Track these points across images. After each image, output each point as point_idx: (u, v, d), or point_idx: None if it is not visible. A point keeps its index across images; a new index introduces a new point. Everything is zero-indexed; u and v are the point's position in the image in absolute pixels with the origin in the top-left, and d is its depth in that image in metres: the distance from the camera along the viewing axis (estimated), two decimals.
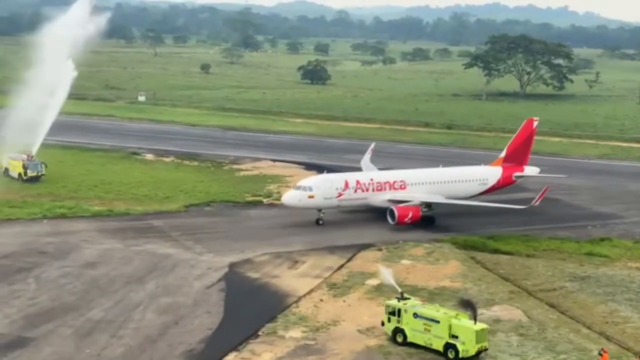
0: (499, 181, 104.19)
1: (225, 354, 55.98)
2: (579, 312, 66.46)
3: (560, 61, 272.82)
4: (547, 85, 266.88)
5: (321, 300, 67.40)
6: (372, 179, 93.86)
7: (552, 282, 74.08)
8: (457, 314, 57.34)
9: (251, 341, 58.37)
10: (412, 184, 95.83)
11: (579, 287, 72.69)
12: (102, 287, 68.52)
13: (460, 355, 55.24)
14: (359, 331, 60.74)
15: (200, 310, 63.95)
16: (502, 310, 65.74)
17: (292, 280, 72.44)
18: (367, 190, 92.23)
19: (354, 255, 79.10)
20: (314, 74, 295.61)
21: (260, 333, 59.87)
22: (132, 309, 63.68)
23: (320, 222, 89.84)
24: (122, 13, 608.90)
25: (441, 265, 78.10)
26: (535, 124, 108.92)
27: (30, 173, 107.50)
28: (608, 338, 60.73)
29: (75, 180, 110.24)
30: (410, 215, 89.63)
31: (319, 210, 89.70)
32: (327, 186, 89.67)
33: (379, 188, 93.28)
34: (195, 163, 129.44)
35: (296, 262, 77.15)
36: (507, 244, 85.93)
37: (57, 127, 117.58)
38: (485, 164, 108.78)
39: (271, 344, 58.02)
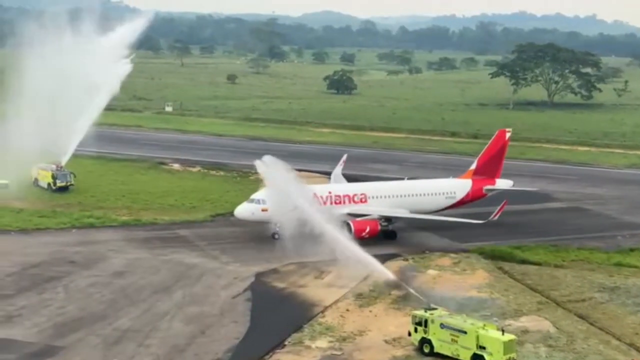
0: (468, 194, 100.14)
1: None
2: (609, 323, 65.81)
3: (588, 70, 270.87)
4: (575, 94, 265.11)
5: (347, 310, 67.31)
6: (330, 192, 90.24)
7: (581, 293, 73.43)
8: (484, 325, 57.00)
9: (277, 351, 58.45)
10: (373, 197, 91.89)
11: (608, 298, 72.01)
12: (129, 296, 68.95)
13: None
14: (386, 341, 60.56)
15: (226, 319, 64.12)
16: (531, 321, 65.25)
17: (318, 290, 72.43)
18: (325, 203, 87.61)
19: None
20: (340, 84, 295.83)
21: (286, 343, 59.90)
22: (160, 318, 64.00)
23: (276, 236, 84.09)
24: (150, 24, 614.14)
25: (468, 276, 77.70)
26: (507, 135, 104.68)
27: (59, 183, 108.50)
28: (638, 349, 60.07)
29: (104, 190, 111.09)
30: (367, 229, 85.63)
31: (276, 224, 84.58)
32: (281, 199, 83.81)
33: (338, 201, 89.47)
34: (222, 173, 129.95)
35: (322, 272, 77.10)
36: (535, 254, 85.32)
37: (86, 138, 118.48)
38: (454, 177, 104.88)
39: (297, 353, 58.02)
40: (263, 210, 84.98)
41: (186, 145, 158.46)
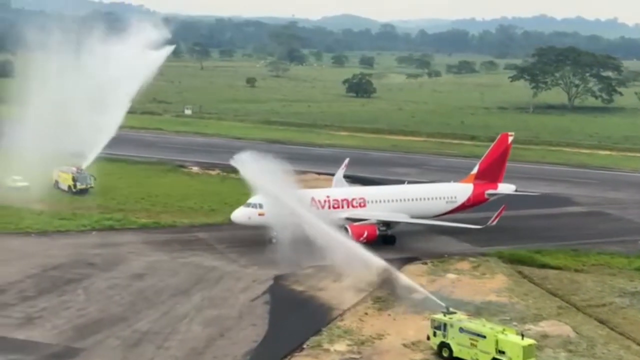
0: (469, 199, 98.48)
1: None
2: (629, 328, 65.33)
3: (609, 73, 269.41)
4: (596, 97, 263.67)
5: (366, 313, 67.23)
6: (328, 196, 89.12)
7: (601, 298, 72.95)
8: (503, 329, 56.76)
9: (296, 354, 58.48)
10: (372, 202, 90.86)
11: (629, 303, 71.49)
12: (149, 299, 69.21)
13: None
14: (404, 345, 60.42)
15: (245, 322, 64.21)
16: (550, 326, 64.88)
17: (336, 293, 72.35)
18: (323, 207, 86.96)
19: (399, 269, 78.60)
20: (359, 87, 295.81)
21: (305, 346, 59.91)
22: (179, 320, 64.20)
23: (274, 240, 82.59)
24: (170, 27, 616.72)
25: (487, 280, 77.41)
26: (510, 139, 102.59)
27: (79, 185, 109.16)
28: None
29: (123, 193, 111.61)
30: (365, 234, 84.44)
31: (273, 228, 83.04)
32: (278, 203, 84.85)
33: (336, 205, 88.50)
34: (235, 175, 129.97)
35: (341, 275, 76.92)
36: (555, 258, 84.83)
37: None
38: (455, 181, 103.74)
39: (316, 357, 58.03)
40: (260, 214, 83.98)
41: (205, 148, 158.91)
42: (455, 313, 59.70)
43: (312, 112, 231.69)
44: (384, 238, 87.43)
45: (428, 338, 59.26)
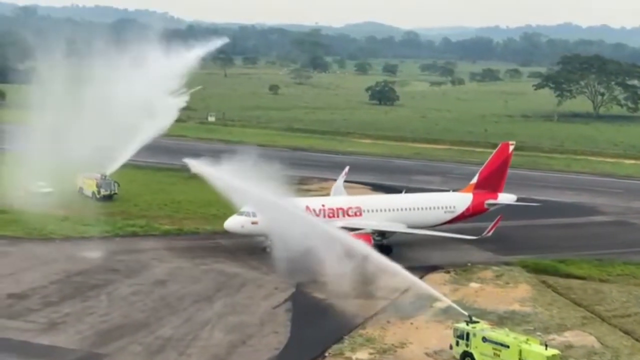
0: (468, 209, 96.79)
1: None
2: None
3: (635, 82, 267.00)
4: (621, 106, 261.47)
5: (388, 322, 67.01)
6: (323, 205, 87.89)
7: (626, 308, 72.25)
8: (527, 339, 56.32)
9: None
10: (368, 211, 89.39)
11: None
12: (171, 305, 69.42)
13: None
14: (427, 354, 60.16)
15: (267, 329, 64.20)
16: (575, 336, 64.33)
17: (359, 301, 72.14)
18: (318, 216, 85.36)
19: (421, 277, 78.16)
20: (382, 95, 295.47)
21: (327, 354, 59.82)
22: (201, 327, 64.32)
23: (268, 249, 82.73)
24: (194, 35, 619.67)
25: (511, 289, 76.93)
26: (511, 148, 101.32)
27: (103, 192, 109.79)
28: None
29: (146, 199, 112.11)
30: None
31: (267, 237, 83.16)
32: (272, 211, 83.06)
33: (331, 214, 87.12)
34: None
35: (363, 282, 76.64)
36: (579, 268, 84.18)
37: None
38: (454, 190, 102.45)
39: None
40: (253, 223, 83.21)
41: (227, 156, 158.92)
42: (478, 322, 59.34)
43: (335, 120, 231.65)
44: (380, 248, 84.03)
45: (451, 347, 58.94)
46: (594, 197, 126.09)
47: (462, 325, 58.61)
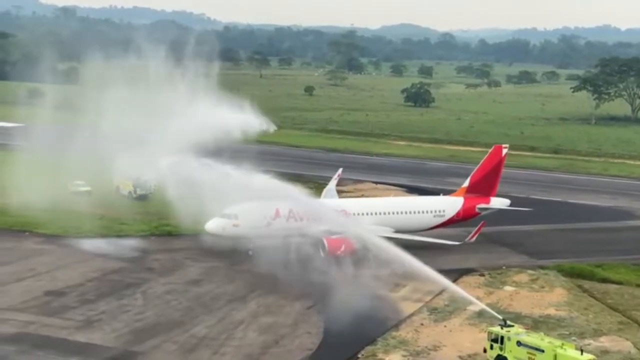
0: (458, 213, 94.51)
1: None
2: None
3: None
4: None
5: (422, 324, 66.84)
6: (307, 207, 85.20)
7: None
8: (562, 344, 55.81)
9: None
10: (353, 214, 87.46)
11: None
12: (205, 304, 69.86)
13: None
14: (460, 357, 59.90)
15: (300, 330, 64.36)
16: (611, 341, 63.65)
17: (392, 303, 72.09)
18: (302, 219, 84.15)
19: (455, 280, 78.00)
20: (418, 97, 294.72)
21: (359, 356, 59.83)
22: (235, 327, 64.68)
23: (250, 252, 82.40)
24: (230, 36, 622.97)
25: (546, 293, 76.30)
26: (504, 151, 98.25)
27: (139, 191, 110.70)
28: None
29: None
30: (342, 247, 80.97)
31: (250, 240, 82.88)
32: (254, 214, 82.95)
33: (315, 217, 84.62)
34: (298, 184, 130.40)
35: (397, 284, 76.69)
36: (616, 272, 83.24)
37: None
38: (444, 194, 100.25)
39: None
40: (234, 225, 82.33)
41: (262, 156, 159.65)
42: (512, 326, 58.95)
43: (370, 121, 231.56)
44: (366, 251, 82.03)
45: (485, 351, 58.61)
46: (632, 201, 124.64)
47: (497, 329, 58.26)
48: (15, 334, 61.80)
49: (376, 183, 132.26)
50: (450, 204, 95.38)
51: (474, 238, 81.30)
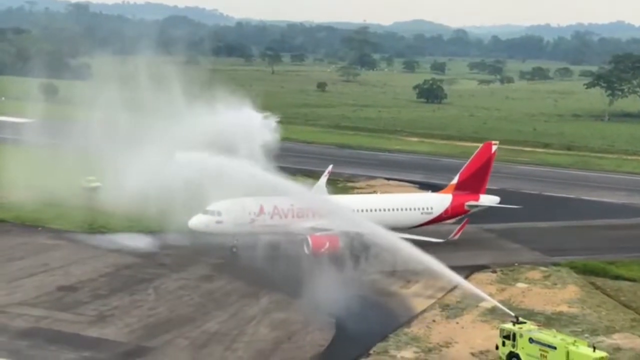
0: (447, 210, 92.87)
1: None
2: None
3: None
4: None
5: (434, 320, 66.74)
6: (292, 205, 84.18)
7: None
8: (575, 341, 55.60)
9: (362, 359, 58.30)
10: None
11: None
12: (217, 300, 69.98)
13: None
14: (472, 354, 59.78)
15: (312, 326, 64.35)
16: (623, 339, 63.38)
17: (404, 299, 72.04)
18: (287, 216, 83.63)
19: (467, 277, 77.77)
20: (430, 93, 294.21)
21: (371, 352, 59.77)
22: (246, 322, 64.75)
23: (234, 249, 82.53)
24: (242, 32, 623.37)
25: (558, 290, 76.03)
26: (494, 148, 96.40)
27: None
28: None
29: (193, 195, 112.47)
30: (327, 245, 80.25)
31: (234, 237, 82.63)
32: (238, 211, 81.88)
33: (301, 215, 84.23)
34: (310, 180, 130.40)
35: (409, 281, 76.62)
36: (629, 270, 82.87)
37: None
38: (433, 192, 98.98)
39: None
40: (218, 222, 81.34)
41: (274, 152, 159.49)
42: (525, 323, 58.77)
43: (382, 118, 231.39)
44: (352, 250, 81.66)
45: (497, 347, 58.44)
46: None
47: (509, 326, 58.08)
48: (28, 329, 62.06)
49: (388, 179, 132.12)
50: (439, 201, 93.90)
51: (457, 236, 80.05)
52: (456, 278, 68.74)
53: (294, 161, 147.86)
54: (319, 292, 69.47)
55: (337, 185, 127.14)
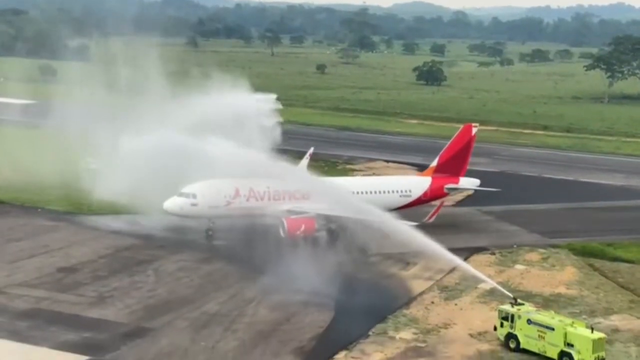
0: (425, 193, 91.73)
1: (336, 352, 56.46)
2: None
3: None
4: None
5: (432, 302, 66.99)
6: (268, 187, 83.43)
7: None
8: (573, 322, 55.88)
9: (361, 341, 58.70)
10: (317, 194, 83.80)
11: None
12: (216, 282, 70.17)
13: None
14: (471, 335, 60.03)
15: (311, 308, 64.54)
16: (621, 320, 63.66)
17: (403, 281, 72.27)
18: (262, 199, 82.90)
19: (466, 259, 77.97)
20: (430, 75, 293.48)
21: (370, 333, 60.05)
22: (246, 304, 64.97)
23: (210, 232, 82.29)
24: (241, 14, 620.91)
25: (557, 272, 76.27)
26: (474, 130, 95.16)
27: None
28: None
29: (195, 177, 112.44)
30: (302, 228, 79.66)
31: (209, 220, 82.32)
32: (213, 193, 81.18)
33: (277, 197, 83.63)
34: (310, 162, 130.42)
35: (408, 263, 76.84)
36: (627, 251, 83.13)
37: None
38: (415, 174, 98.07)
39: (381, 344, 58.11)
40: (193, 204, 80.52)
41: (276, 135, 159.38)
42: (523, 304, 59.01)
43: (381, 100, 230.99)
44: (327, 232, 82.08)
45: (495, 329, 58.72)
46: None
47: (507, 307, 58.34)
48: (28, 310, 62.33)
49: (387, 161, 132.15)
50: (417, 184, 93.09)
51: (433, 219, 79.08)
52: (456, 260, 68.84)
53: (293, 143, 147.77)
54: (317, 273, 69.77)
55: (337, 167, 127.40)
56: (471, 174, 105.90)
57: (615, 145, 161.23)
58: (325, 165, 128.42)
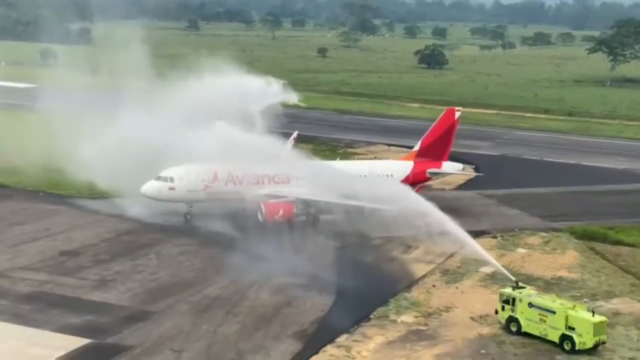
0: (407, 177, 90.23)
1: (337, 336, 56.65)
2: None
3: None
4: None
5: (434, 285, 67.14)
6: (248, 171, 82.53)
7: None
8: (574, 305, 56.00)
9: (363, 324, 58.87)
10: (297, 178, 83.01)
11: None
12: (218, 266, 70.21)
13: (577, 348, 54.02)
14: (472, 318, 60.20)
15: (312, 291, 64.65)
16: (622, 303, 63.81)
17: (404, 265, 72.40)
18: (241, 183, 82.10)
19: None
20: (431, 59, 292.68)
21: (371, 316, 60.22)
22: (247, 287, 65.06)
23: (189, 216, 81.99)
24: None
25: (558, 255, 76.39)
26: (457, 114, 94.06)
27: None
28: None
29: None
30: (280, 212, 79.38)
31: (188, 204, 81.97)
32: (191, 177, 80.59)
33: (256, 181, 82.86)
34: (311, 146, 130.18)
35: (409, 247, 76.93)
36: (629, 235, 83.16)
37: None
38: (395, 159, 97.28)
39: (382, 327, 58.28)
40: (170, 188, 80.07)
41: (276, 118, 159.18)
42: (524, 288, 59.12)
43: (383, 83, 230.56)
44: (306, 216, 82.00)
45: (496, 312, 58.85)
46: None
47: (509, 291, 58.45)
48: (30, 293, 62.51)
49: (389, 145, 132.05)
50: (399, 168, 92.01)
51: None
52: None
53: (295, 127, 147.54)
54: (319, 257, 69.88)
55: (337, 151, 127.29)
56: (473, 157, 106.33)
57: (617, 128, 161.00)
58: (327, 149, 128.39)
